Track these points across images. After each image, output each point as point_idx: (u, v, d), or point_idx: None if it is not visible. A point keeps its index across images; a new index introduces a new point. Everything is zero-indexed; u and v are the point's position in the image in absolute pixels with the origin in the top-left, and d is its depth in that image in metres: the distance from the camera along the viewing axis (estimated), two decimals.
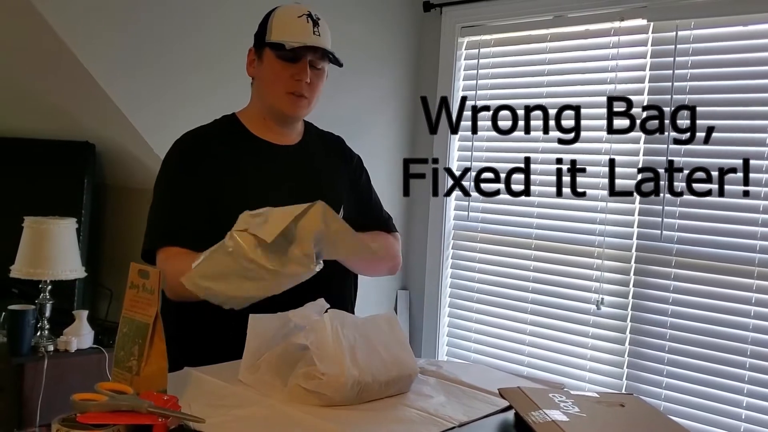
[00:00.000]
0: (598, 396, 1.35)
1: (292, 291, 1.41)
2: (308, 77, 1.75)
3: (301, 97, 1.77)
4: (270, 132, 1.84)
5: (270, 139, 1.84)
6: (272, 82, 1.77)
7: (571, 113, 3.22)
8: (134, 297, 1.24)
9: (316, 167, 1.89)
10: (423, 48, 3.77)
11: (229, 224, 1.46)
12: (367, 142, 3.59)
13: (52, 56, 2.71)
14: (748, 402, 2.74)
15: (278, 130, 1.85)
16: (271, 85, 1.78)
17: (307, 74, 1.75)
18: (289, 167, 1.84)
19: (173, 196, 1.74)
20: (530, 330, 3.37)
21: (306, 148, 1.90)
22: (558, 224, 3.28)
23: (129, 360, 1.21)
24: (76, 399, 1.06)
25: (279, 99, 1.77)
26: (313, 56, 1.76)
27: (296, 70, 1.74)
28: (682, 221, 2.92)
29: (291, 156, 1.86)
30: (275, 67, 1.75)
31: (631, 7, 3.06)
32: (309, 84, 1.76)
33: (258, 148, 1.82)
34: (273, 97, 1.78)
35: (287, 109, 1.79)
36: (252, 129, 1.83)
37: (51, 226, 2.71)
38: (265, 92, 1.80)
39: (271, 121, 1.83)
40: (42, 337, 2.73)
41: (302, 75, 1.75)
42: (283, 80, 1.75)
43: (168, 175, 1.77)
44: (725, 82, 2.83)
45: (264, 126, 1.83)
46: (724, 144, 2.82)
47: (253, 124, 1.84)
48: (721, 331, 2.81)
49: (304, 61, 1.75)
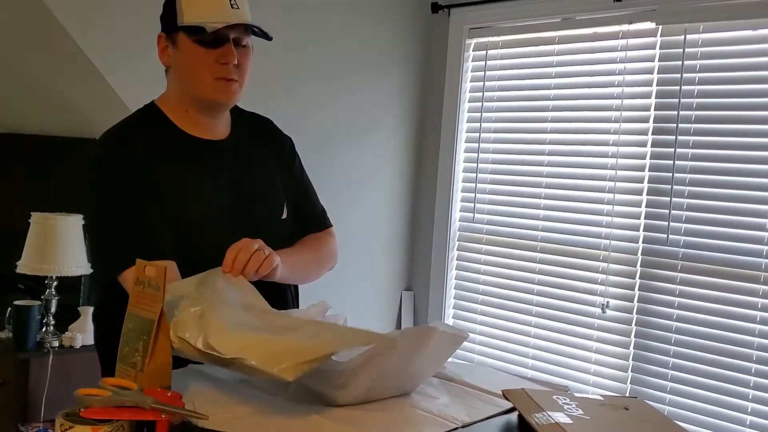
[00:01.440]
0: (603, 399, 1.35)
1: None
2: (236, 59, 1.56)
3: (231, 81, 1.58)
4: (197, 126, 1.65)
5: (199, 134, 1.65)
6: (195, 70, 1.57)
7: (578, 115, 3.24)
8: (139, 293, 1.24)
9: (252, 162, 1.72)
10: (430, 49, 3.77)
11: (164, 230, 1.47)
12: (374, 142, 3.60)
13: (61, 54, 2.72)
14: (753, 407, 2.73)
15: (205, 122, 1.66)
16: (194, 74, 1.57)
17: (234, 56, 1.56)
18: (226, 166, 1.67)
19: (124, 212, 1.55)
20: (535, 332, 3.37)
21: (238, 141, 1.72)
22: (564, 227, 3.28)
23: (133, 356, 1.21)
24: (80, 394, 1.07)
25: (206, 87, 1.58)
26: (237, 33, 1.56)
27: (221, 54, 1.55)
28: (689, 225, 2.91)
29: (226, 153, 1.68)
30: (196, 54, 1.55)
31: (639, 11, 3.05)
32: (237, 66, 1.57)
33: (187, 145, 1.64)
34: (198, 87, 1.58)
35: (218, 96, 1.59)
36: (177, 123, 1.65)
37: (58, 222, 2.71)
38: (188, 82, 1.60)
39: (195, 113, 1.64)
40: (47, 333, 2.73)
41: (229, 58, 1.55)
42: (208, 66, 1.56)
43: (110, 190, 1.57)
44: (734, 86, 2.82)
45: (188, 119, 1.64)
46: (731, 148, 2.82)
47: (177, 117, 1.65)
48: (726, 336, 2.80)
49: (229, 41, 1.55)
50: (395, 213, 3.76)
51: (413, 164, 3.81)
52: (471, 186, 3.64)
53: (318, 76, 3.30)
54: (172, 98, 1.67)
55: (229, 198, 1.65)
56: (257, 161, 1.74)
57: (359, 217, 3.56)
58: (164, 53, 1.63)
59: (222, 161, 1.67)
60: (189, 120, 1.65)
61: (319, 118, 3.34)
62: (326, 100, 3.37)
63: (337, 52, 3.37)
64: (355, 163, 3.53)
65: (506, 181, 3.51)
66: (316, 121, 3.30)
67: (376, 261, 3.68)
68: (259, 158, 1.75)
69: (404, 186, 3.80)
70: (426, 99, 3.79)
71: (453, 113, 3.66)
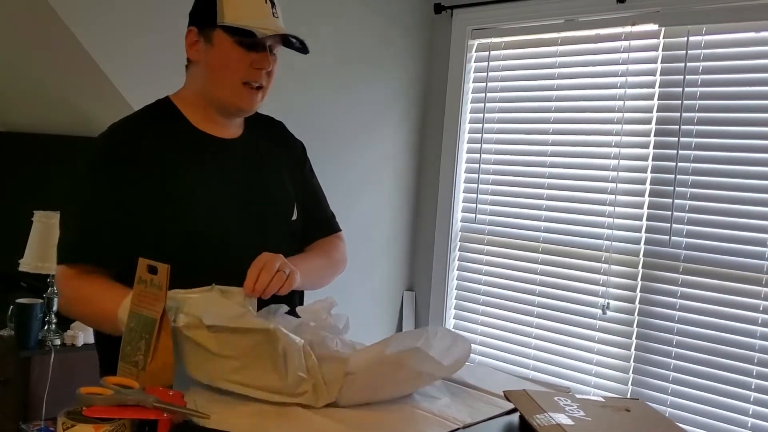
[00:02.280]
0: (604, 400, 1.35)
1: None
2: (270, 66, 1.58)
3: (257, 90, 1.59)
4: (212, 124, 1.64)
5: (212, 131, 1.64)
6: (226, 70, 1.57)
7: (581, 117, 3.24)
8: (142, 292, 1.24)
9: (263, 162, 1.71)
10: (433, 50, 3.77)
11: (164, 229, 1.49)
12: (376, 143, 3.60)
13: (64, 52, 2.73)
14: (755, 410, 2.73)
15: (221, 122, 1.65)
16: (224, 74, 1.57)
17: (270, 63, 1.57)
18: (236, 164, 1.66)
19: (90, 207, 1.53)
20: (536, 333, 3.37)
21: (249, 141, 1.71)
22: (566, 228, 3.28)
23: (135, 355, 1.21)
24: (81, 392, 1.07)
25: (232, 90, 1.58)
26: (273, 42, 1.59)
27: (258, 59, 1.56)
28: (691, 227, 2.91)
29: (237, 151, 1.67)
30: (231, 54, 1.55)
31: (642, 12, 3.05)
32: (267, 73, 1.59)
33: (200, 141, 1.62)
34: (224, 88, 1.58)
35: (240, 102, 1.59)
36: (191, 119, 1.63)
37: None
38: (214, 80, 1.59)
39: (214, 113, 1.63)
40: (49, 331, 2.74)
41: (264, 64, 1.57)
42: (241, 69, 1.56)
43: (89, 180, 1.56)
44: (736, 89, 2.82)
45: (205, 117, 1.63)
46: (734, 150, 2.81)
47: (192, 114, 1.63)
48: (728, 338, 2.80)
49: (266, 48, 1.57)
50: (397, 213, 3.76)
51: (415, 164, 3.81)
52: (473, 186, 3.64)
53: (320, 76, 3.31)
54: (190, 93, 1.66)
55: (236, 197, 1.63)
56: (268, 161, 1.72)
57: (361, 217, 3.56)
58: (193, 47, 1.61)
59: (231, 160, 1.65)
60: (203, 117, 1.64)
61: (321, 118, 3.34)
62: (329, 100, 3.37)
63: (340, 52, 3.37)
64: (357, 163, 3.53)
65: (508, 182, 3.51)
66: (318, 121, 3.30)
67: (377, 261, 3.68)
68: (270, 159, 1.73)
69: (406, 186, 3.80)
70: (428, 99, 3.79)
71: (455, 114, 3.66)
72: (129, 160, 1.54)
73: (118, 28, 2.71)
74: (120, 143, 1.58)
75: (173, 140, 1.60)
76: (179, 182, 1.56)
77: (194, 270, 1.42)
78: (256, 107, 1.64)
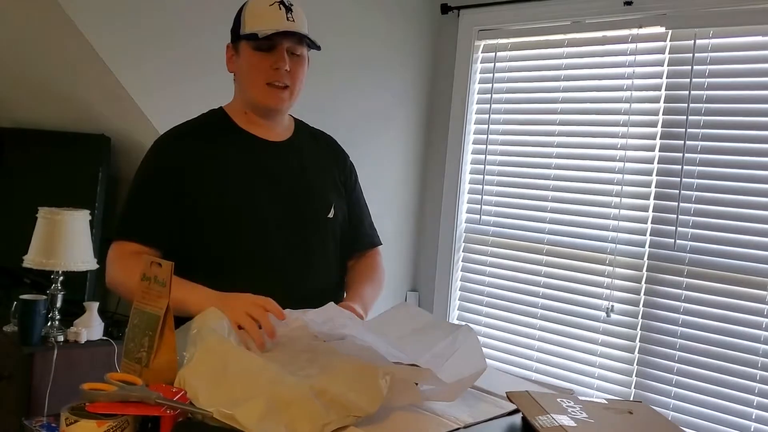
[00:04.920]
0: (607, 402, 1.35)
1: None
2: (287, 65, 1.71)
3: (283, 88, 1.74)
4: (255, 126, 1.80)
5: (257, 133, 1.80)
6: (251, 74, 1.74)
7: (587, 119, 3.24)
8: (146, 288, 1.24)
9: (305, 165, 1.86)
10: (439, 50, 3.77)
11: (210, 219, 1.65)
12: (381, 143, 3.60)
13: (71, 49, 2.73)
14: (757, 414, 2.72)
15: (263, 124, 1.81)
16: (250, 78, 1.74)
17: (286, 61, 1.71)
18: (277, 163, 1.80)
19: (139, 192, 1.73)
20: (539, 335, 3.36)
21: (296, 145, 1.87)
22: (570, 230, 3.27)
23: (139, 351, 1.22)
24: (85, 388, 1.07)
25: (259, 91, 1.74)
26: (290, 43, 1.72)
27: (274, 59, 1.71)
28: (696, 231, 2.90)
29: (280, 151, 1.82)
30: (252, 59, 1.72)
31: (649, 15, 3.04)
32: (289, 72, 1.73)
33: (244, 141, 1.78)
34: (253, 90, 1.75)
35: (269, 101, 1.75)
36: (239, 123, 1.80)
37: (65, 218, 2.72)
38: (246, 86, 1.77)
39: (253, 115, 1.80)
40: (52, 328, 2.74)
41: (280, 63, 1.71)
42: (262, 71, 1.72)
43: (140, 171, 1.76)
44: (743, 92, 2.82)
45: (248, 120, 1.80)
46: (740, 154, 2.81)
47: (239, 118, 1.81)
48: (731, 342, 2.79)
49: (281, 48, 1.71)
50: (401, 213, 3.76)
51: (420, 165, 3.81)
52: (478, 188, 3.64)
53: (326, 76, 3.30)
54: (236, 102, 1.83)
55: (276, 192, 1.76)
56: (311, 163, 1.87)
57: None
58: (230, 61, 1.80)
59: (274, 158, 1.80)
60: (248, 120, 1.80)
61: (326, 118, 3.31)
62: (334, 100, 3.37)
63: (346, 52, 3.37)
64: (362, 164, 3.47)
65: (513, 183, 3.50)
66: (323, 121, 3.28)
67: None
68: (314, 163, 1.88)
69: (411, 187, 3.80)
70: (434, 100, 3.79)
71: (461, 114, 3.66)
72: (175, 157, 1.72)
73: (126, 27, 2.72)
74: (173, 140, 1.77)
75: (220, 139, 1.77)
76: (223, 176, 1.71)
77: (234, 261, 1.67)
78: (286, 105, 1.78)
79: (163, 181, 1.70)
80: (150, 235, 1.67)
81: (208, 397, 1.11)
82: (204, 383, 1.13)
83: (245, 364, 1.19)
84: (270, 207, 1.74)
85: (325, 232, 1.82)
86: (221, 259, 1.69)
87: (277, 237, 1.72)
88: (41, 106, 3.19)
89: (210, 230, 1.68)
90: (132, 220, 1.71)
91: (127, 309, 3.14)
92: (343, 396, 1.15)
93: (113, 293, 1.91)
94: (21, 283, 3.03)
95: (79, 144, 3.11)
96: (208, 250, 1.68)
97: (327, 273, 1.82)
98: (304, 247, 1.76)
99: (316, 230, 1.80)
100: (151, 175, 1.73)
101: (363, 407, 1.16)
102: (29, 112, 3.25)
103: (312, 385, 1.16)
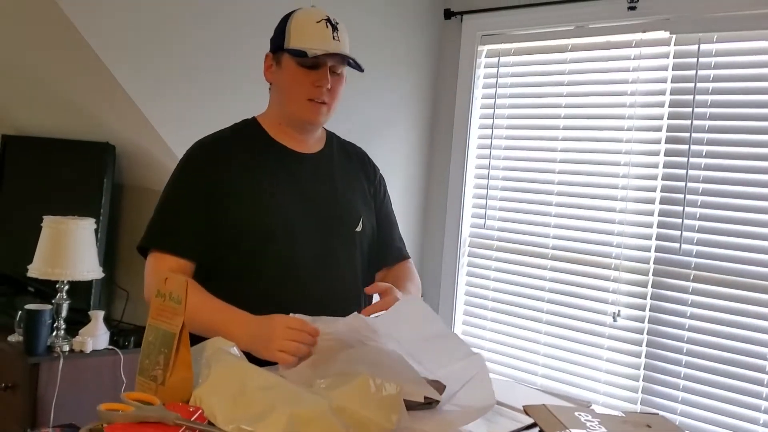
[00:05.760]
0: (624, 415, 1.34)
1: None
2: (329, 83, 1.74)
3: (322, 104, 1.77)
4: (288, 138, 1.83)
5: (288, 144, 1.83)
6: (292, 88, 1.76)
7: (591, 124, 3.23)
8: (160, 305, 1.24)
9: (335, 177, 1.88)
10: (443, 55, 3.76)
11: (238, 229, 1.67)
12: (385, 148, 3.59)
13: (74, 56, 2.72)
14: (766, 420, 2.71)
15: (296, 137, 1.83)
16: (291, 92, 1.77)
17: (328, 81, 1.74)
18: (308, 175, 1.83)
19: (174, 202, 1.75)
20: (545, 341, 3.35)
21: (327, 157, 1.90)
22: (575, 234, 3.26)
23: (154, 369, 1.21)
24: (102, 409, 1.06)
25: (299, 106, 1.76)
26: (333, 62, 1.75)
27: (317, 77, 1.74)
28: (702, 235, 2.90)
29: (311, 164, 1.85)
30: (295, 74, 1.74)
31: (653, 20, 3.04)
32: (329, 90, 1.76)
33: (277, 152, 1.81)
34: (293, 104, 1.77)
35: (307, 115, 1.78)
36: (272, 134, 1.83)
37: (70, 226, 2.71)
38: (285, 99, 1.79)
39: (288, 128, 1.82)
40: (58, 337, 2.73)
41: (323, 82, 1.74)
42: (304, 87, 1.74)
43: (173, 181, 1.78)
44: (747, 97, 2.81)
45: (281, 131, 1.83)
46: (745, 158, 2.80)
47: (273, 129, 1.83)
48: (739, 346, 2.79)
49: (325, 67, 1.74)
50: (405, 218, 3.75)
51: (424, 170, 3.80)
52: (482, 192, 3.63)
53: None
54: (271, 113, 1.86)
55: (304, 204, 1.78)
56: (341, 176, 1.89)
57: None
58: (268, 71, 1.81)
59: (304, 171, 1.82)
60: (283, 133, 1.82)
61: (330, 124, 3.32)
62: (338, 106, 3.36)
63: None
64: None
65: (518, 188, 3.49)
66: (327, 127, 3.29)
67: None
68: (344, 176, 1.90)
69: (415, 191, 3.79)
70: (438, 105, 3.78)
71: (465, 119, 3.65)
72: (207, 166, 1.75)
73: (130, 33, 2.71)
74: (204, 151, 1.79)
75: (250, 148, 1.79)
76: (250, 186, 1.73)
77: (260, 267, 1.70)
78: (322, 120, 1.81)
79: (197, 191, 1.72)
80: (188, 250, 1.69)
81: (226, 415, 1.11)
82: (222, 402, 1.13)
83: (263, 382, 1.18)
84: (300, 219, 1.76)
85: (353, 245, 1.84)
86: (248, 269, 1.71)
87: (306, 249, 1.74)
88: (45, 113, 3.18)
89: (239, 241, 1.70)
90: (169, 232, 1.72)
91: (132, 318, 3.14)
92: (362, 414, 1.15)
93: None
94: (26, 293, 3.02)
95: (84, 152, 3.10)
96: (235, 260, 1.70)
97: (353, 285, 1.83)
98: (332, 260, 1.78)
99: (344, 243, 1.82)
100: (184, 183, 1.75)
101: (382, 425, 1.15)
102: (33, 120, 3.24)
103: (330, 402, 1.15)
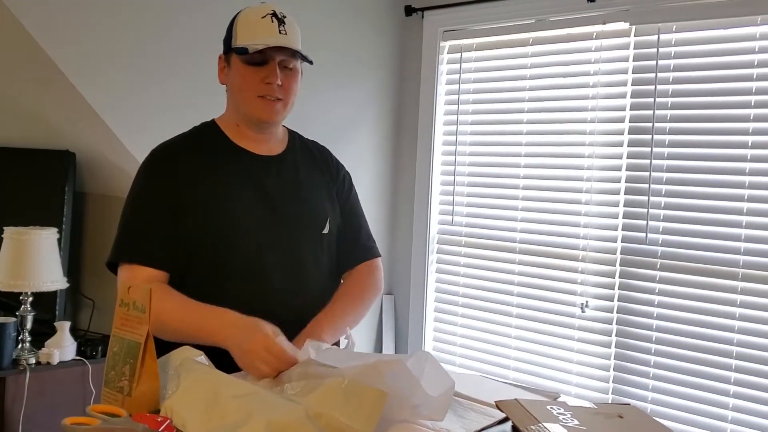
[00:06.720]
0: (596, 407, 1.34)
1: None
2: (279, 79, 1.69)
3: (275, 101, 1.71)
4: (248, 140, 1.77)
5: (250, 148, 1.77)
6: (242, 87, 1.71)
7: (554, 116, 3.25)
8: (124, 315, 1.21)
9: (299, 180, 1.83)
10: (405, 53, 3.76)
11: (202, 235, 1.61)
12: (350, 148, 3.58)
13: (31, 64, 2.67)
14: (734, 404, 2.75)
15: (256, 138, 1.78)
16: (242, 91, 1.71)
17: (278, 76, 1.69)
18: (271, 179, 1.77)
19: (138, 212, 1.69)
20: (515, 334, 3.37)
21: (289, 159, 1.84)
22: (542, 228, 3.28)
23: (120, 380, 1.18)
24: (67, 423, 1.04)
25: (252, 104, 1.71)
26: (282, 56, 1.70)
27: (266, 73, 1.69)
28: (667, 224, 2.93)
29: (273, 167, 1.79)
30: (244, 73, 1.69)
31: (613, 11, 3.06)
32: (281, 86, 1.70)
33: (236, 156, 1.75)
34: (245, 104, 1.72)
35: (261, 113, 1.72)
36: (231, 136, 1.77)
37: (32, 237, 2.65)
38: (238, 99, 1.74)
39: (246, 129, 1.77)
40: (23, 350, 2.67)
41: (272, 78, 1.68)
42: (253, 85, 1.69)
43: (136, 190, 1.72)
44: (707, 85, 2.85)
45: (239, 134, 1.77)
46: (707, 146, 2.84)
47: (231, 132, 1.78)
48: (706, 333, 2.82)
49: (273, 62, 1.69)
50: (374, 217, 3.72)
51: (391, 168, 3.80)
52: (449, 189, 3.64)
53: None
54: (228, 115, 1.81)
55: (267, 207, 1.74)
56: (305, 177, 1.84)
57: None
58: (222, 72, 1.77)
59: (265, 173, 1.77)
60: (242, 135, 1.77)
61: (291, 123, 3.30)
62: (300, 106, 3.32)
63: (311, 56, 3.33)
64: None
65: (484, 183, 3.51)
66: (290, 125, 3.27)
67: None
68: (309, 176, 1.85)
69: (382, 190, 3.78)
70: (402, 102, 3.78)
71: (429, 116, 3.66)
72: (168, 172, 1.69)
73: (86, 39, 2.66)
74: (162, 157, 1.73)
75: (211, 154, 1.74)
76: (212, 191, 1.68)
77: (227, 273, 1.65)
78: (277, 117, 1.75)
79: (159, 196, 1.67)
80: (158, 259, 1.64)
81: (198, 425, 1.08)
82: (194, 412, 1.10)
83: (237, 390, 1.16)
84: (263, 224, 1.72)
85: (320, 248, 1.80)
86: (214, 275, 1.66)
87: (271, 254, 1.70)
88: (6, 123, 3.12)
89: (204, 247, 1.66)
90: (137, 243, 1.66)
91: (99, 327, 3.09)
92: (338, 420, 1.13)
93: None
94: None
95: (44, 161, 3.04)
96: (201, 267, 1.66)
97: (320, 288, 1.79)
98: (299, 264, 1.74)
99: (312, 247, 1.78)
100: (147, 192, 1.70)
101: (358, 430, 1.14)
102: None
103: (306, 409, 1.14)
